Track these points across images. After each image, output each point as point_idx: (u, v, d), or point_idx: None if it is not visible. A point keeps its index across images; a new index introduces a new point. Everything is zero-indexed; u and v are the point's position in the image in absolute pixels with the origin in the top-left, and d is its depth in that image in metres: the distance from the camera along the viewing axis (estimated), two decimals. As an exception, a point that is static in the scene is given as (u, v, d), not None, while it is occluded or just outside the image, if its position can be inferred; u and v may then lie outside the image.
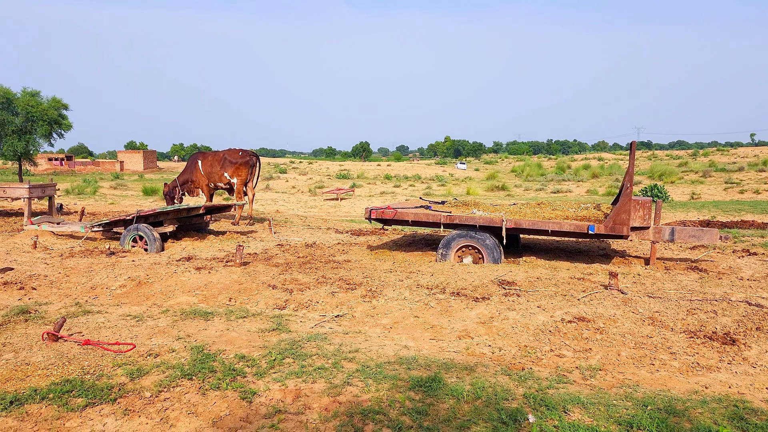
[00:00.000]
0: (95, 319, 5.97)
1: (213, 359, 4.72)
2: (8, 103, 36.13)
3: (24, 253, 9.40)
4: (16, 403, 3.91)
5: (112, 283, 7.54)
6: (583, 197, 30.72)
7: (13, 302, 6.70)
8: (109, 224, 10.28)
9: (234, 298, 6.92)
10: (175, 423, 3.69)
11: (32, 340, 5.28)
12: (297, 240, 11.04)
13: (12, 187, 13.12)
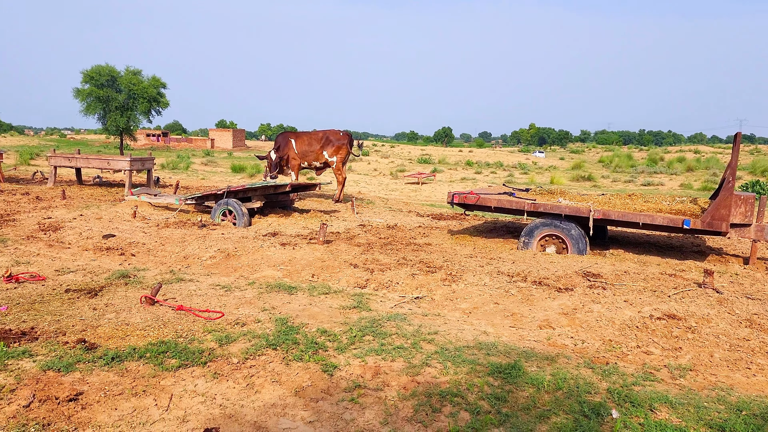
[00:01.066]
0: (187, 287, 6.29)
1: (296, 332, 4.87)
2: (113, 81, 38.40)
3: (124, 221, 10.01)
4: (117, 359, 4.19)
5: (203, 254, 7.90)
6: (676, 191, 29.23)
7: (114, 266, 7.17)
8: (201, 198, 10.76)
9: (316, 274, 7.09)
10: (260, 389, 3.85)
11: (131, 302, 5.63)
12: (379, 221, 11.16)
13: (115, 159, 13.99)
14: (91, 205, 11.62)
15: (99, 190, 14.80)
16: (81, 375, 3.93)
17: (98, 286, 6.13)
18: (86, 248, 8.17)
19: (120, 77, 38.55)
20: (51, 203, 11.78)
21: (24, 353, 4.23)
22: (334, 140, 14.05)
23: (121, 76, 38.61)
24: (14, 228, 9.32)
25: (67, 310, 5.34)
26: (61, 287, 6.11)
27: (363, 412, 3.57)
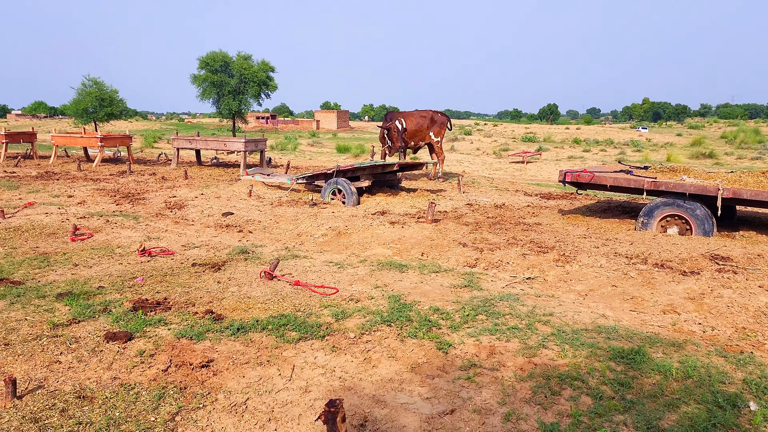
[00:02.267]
0: (302, 263, 6.51)
1: (409, 309, 4.92)
2: (226, 67, 40.18)
3: (241, 200, 10.51)
4: (242, 330, 4.42)
5: (315, 232, 8.15)
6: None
7: (234, 243, 7.55)
8: (312, 177, 11.08)
9: (426, 253, 7.11)
10: (377, 364, 3.93)
11: (251, 276, 5.92)
12: (485, 200, 11.00)
13: (231, 141, 14.71)
14: (210, 184, 12.31)
15: (216, 170, 15.64)
16: (211, 344, 4.18)
17: (221, 261, 6.49)
18: (208, 225, 8.67)
19: (232, 62, 40.29)
20: (175, 183, 12.59)
21: (159, 321, 4.57)
22: (438, 120, 14.13)
23: (233, 62, 40.35)
24: (144, 206, 10.05)
25: (194, 282, 5.70)
26: (188, 261, 6.52)
27: (480, 391, 3.55)
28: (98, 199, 10.71)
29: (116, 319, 4.59)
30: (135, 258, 6.62)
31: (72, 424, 3.06)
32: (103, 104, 34.75)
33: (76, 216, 8.86)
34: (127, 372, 3.72)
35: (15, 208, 9.42)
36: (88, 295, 5.19)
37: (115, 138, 17.07)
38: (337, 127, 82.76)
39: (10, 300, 5.03)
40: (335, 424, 2.84)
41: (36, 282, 5.63)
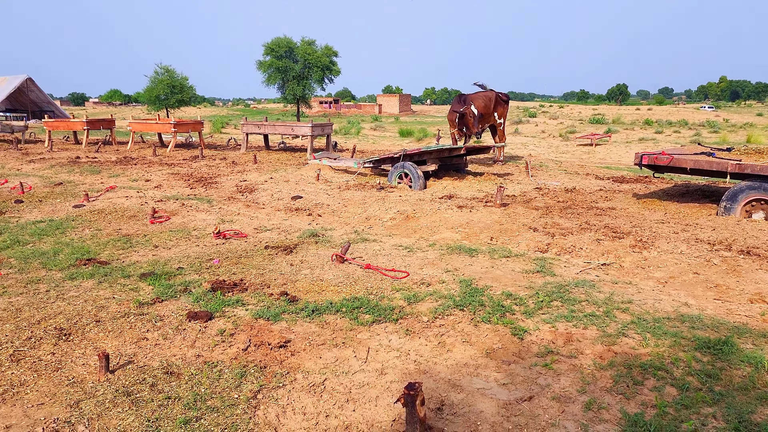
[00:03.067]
0: (372, 247, 6.55)
1: (481, 294, 4.87)
2: (290, 52, 40.70)
3: (309, 184, 10.67)
4: (317, 312, 4.50)
5: (383, 215, 8.18)
6: None
7: (304, 226, 7.67)
8: (378, 161, 11.11)
9: (495, 237, 7.02)
10: (452, 348, 3.91)
11: (323, 259, 6.00)
12: (555, 184, 10.75)
13: (298, 126, 14.93)
14: (278, 168, 12.54)
15: (284, 154, 15.91)
16: (287, 324, 4.28)
17: (292, 244, 6.61)
18: (278, 208, 8.84)
19: (296, 48, 40.78)
20: (245, 167, 12.90)
21: (237, 302, 4.70)
22: (502, 101, 13.89)
23: (297, 47, 40.84)
24: (217, 190, 10.35)
25: (268, 264, 5.83)
26: (260, 244, 6.68)
27: (558, 379, 3.49)
28: (173, 183, 11.10)
29: (196, 299, 4.75)
30: (210, 240, 6.82)
31: (161, 398, 3.20)
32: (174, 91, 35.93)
33: (154, 199, 9.21)
34: (210, 350, 3.85)
35: (98, 191, 9.89)
36: (169, 276, 5.40)
37: (187, 124, 17.62)
38: (399, 111, 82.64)
39: (98, 279, 5.29)
40: (414, 407, 2.85)
41: (120, 262, 5.90)
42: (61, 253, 6.20)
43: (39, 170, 13.01)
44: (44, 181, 11.25)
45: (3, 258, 6.05)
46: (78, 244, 6.60)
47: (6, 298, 4.82)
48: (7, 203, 8.99)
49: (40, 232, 7.10)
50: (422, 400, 2.87)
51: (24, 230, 7.23)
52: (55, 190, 10.21)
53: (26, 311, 4.48)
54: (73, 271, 5.55)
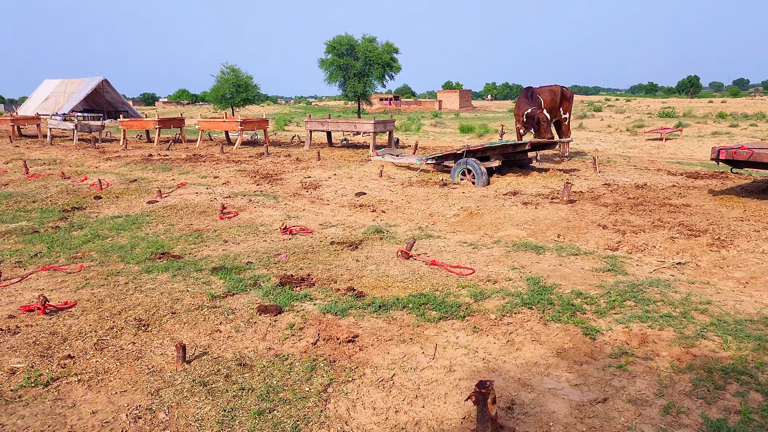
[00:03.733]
0: (436, 243, 6.53)
1: (549, 292, 4.78)
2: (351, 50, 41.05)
3: (372, 180, 10.73)
4: (384, 308, 4.52)
5: (447, 212, 8.14)
6: None
7: (368, 222, 7.72)
8: (441, 158, 11.06)
9: (562, 234, 6.87)
10: (521, 347, 3.86)
11: (388, 255, 6.03)
12: (624, 180, 10.42)
13: (361, 122, 15.04)
14: (342, 165, 12.67)
15: (347, 151, 16.06)
16: (354, 320, 4.32)
17: (357, 240, 6.67)
18: (342, 205, 8.93)
19: (357, 45, 41.11)
20: (308, 164, 13.10)
21: (305, 297, 4.78)
22: (567, 95, 13.60)
23: (358, 45, 41.16)
24: (282, 186, 10.55)
25: (334, 260, 5.90)
26: (326, 239, 6.77)
27: (633, 381, 3.38)
28: (240, 179, 11.39)
29: (266, 293, 4.86)
30: (277, 236, 6.96)
31: (236, 389, 3.29)
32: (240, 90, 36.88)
33: (222, 196, 9.48)
34: (280, 343, 3.93)
35: (170, 188, 10.26)
36: (238, 270, 5.54)
37: (253, 122, 18.04)
38: (459, 107, 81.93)
39: (172, 272, 5.49)
40: (486, 405, 2.83)
41: (193, 256, 6.10)
42: (137, 247, 6.47)
43: (115, 168, 13.61)
44: (120, 178, 11.77)
45: (85, 251, 6.36)
46: (152, 238, 6.86)
47: (89, 289, 5.06)
48: (87, 199, 9.44)
49: (118, 227, 7.42)
50: (494, 399, 2.84)
51: (103, 225, 7.58)
52: (131, 186, 10.66)
53: (107, 302, 4.70)
54: (149, 264, 5.78)
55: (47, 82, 38.80)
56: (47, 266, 5.77)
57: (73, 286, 5.16)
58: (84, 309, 4.56)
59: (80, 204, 9.07)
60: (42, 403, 3.13)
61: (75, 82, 36.43)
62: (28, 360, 3.64)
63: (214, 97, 38.07)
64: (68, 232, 7.23)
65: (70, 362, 3.61)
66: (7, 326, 4.21)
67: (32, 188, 10.57)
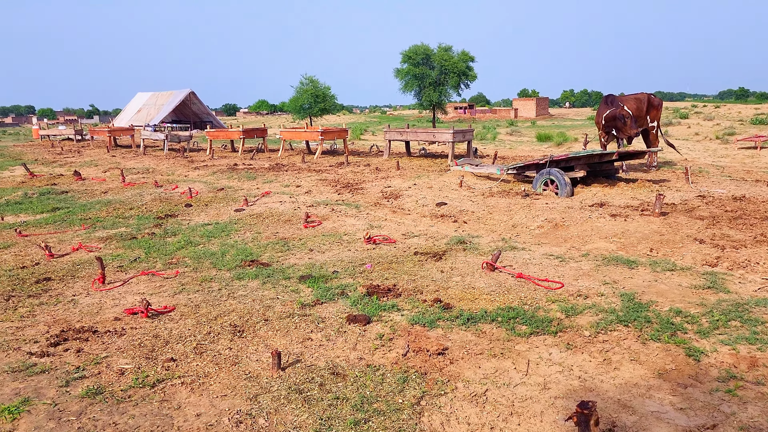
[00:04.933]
0: (521, 255, 6.41)
1: (646, 309, 4.59)
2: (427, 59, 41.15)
3: (452, 190, 10.68)
4: (472, 320, 4.47)
5: (530, 223, 7.98)
6: None
7: (450, 232, 7.68)
8: (522, 168, 10.87)
9: (655, 248, 6.58)
10: (619, 366, 3.71)
11: (472, 267, 5.97)
12: (720, 192, 9.88)
13: (440, 132, 15.03)
14: (421, 175, 12.68)
15: (425, 161, 16.08)
16: (443, 332, 4.29)
17: (441, 251, 6.64)
18: (423, 215, 8.93)
19: (433, 54, 41.13)
20: (388, 173, 13.19)
21: (392, 307, 4.80)
22: (654, 103, 13.08)
23: (434, 54, 41.17)
24: (363, 195, 10.67)
25: (418, 270, 5.90)
26: (409, 249, 6.78)
27: (744, 407, 3.18)
28: (322, 188, 11.61)
29: (353, 302, 4.92)
30: (361, 245, 7.04)
31: (330, 398, 3.33)
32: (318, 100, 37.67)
33: (305, 204, 9.69)
34: (371, 353, 3.96)
35: (255, 196, 10.59)
36: (325, 279, 5.64)
37: (333, 132, 18.38)
38: (535, 114, 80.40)
39: (262, 280, 5.65)
40: (588, 427, 2.73)
41: (280, 264, 6.26)
42: (227, 254, 6.70)
43: (203, 176, 14.20)
44: (208, 186, 12.26)
45: (179, 257, 6.66)
46: (241, 246, 7.09)
47: (185, 294, 5.29)
48: (178, 207, 9.89)
49: (208, 234, 7.72)
50: (596, 421, 2.74)
51: (194, 232, 7.90)
52: (218, 195, 11.08)
53: (203, 307, 4.89)
54: (239, 271, 5.98)
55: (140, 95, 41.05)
56: (146, 271, 6.07)
57: (170, 291, 5.40)
58: (182, 314, 4.76)
59: (172, 211, 9.51)
60: (150, 404, 3.28)
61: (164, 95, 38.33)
62: (134, 361, 3.84)
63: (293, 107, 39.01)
64: (163, 239, 7.59)
65: (173, 365, 3.78)
66: (113, 328, 4.45)
67: (129, 196, 11.18)
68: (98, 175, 15.11)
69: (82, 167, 17.10)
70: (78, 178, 14.17)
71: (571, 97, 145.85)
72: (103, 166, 17.25)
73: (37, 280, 5.84)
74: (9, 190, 12.81)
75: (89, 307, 5.01)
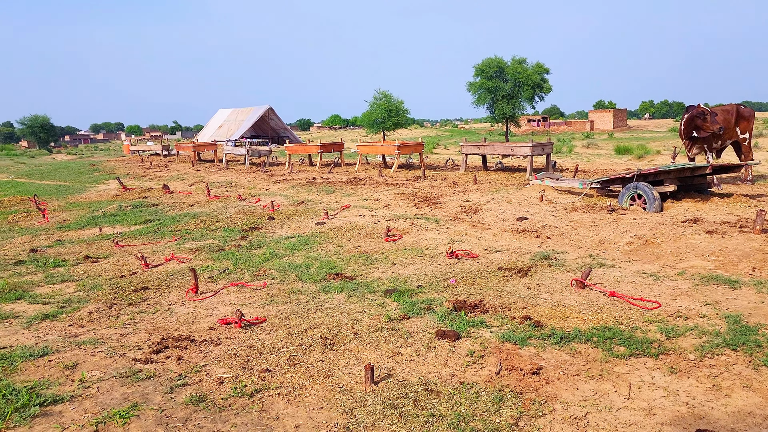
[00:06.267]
0: (612, 273, 6.18)
1: (755, 333, 4.31)
2: (500, 72, 40.79)
3: (532, 205, 10.47)
4: (565, 340, 4.34)
5: (619, 239, 7.69)
6: None
7: (533, 248, 7.51)
8: (607, 182, 10.53)
9: (758, 267, 6.19)
10: (730, 393, 3.49)
11: (560, 284, 5.80)
12: (826, 207, 9.21)
13: (518, 145, 14.80)
14: (499, 189, 12.52)
15: (502, 174, 15.88)
16: (536, 350, 4.18)
17: (525, 267, 6.50)
18: (504, 229, 8.79)
19: (507, 67, 40.74)
20: (465, 187, 13.10)
21: (480, 323, 4.72)
22: (745, 113, 12.39)
23: (507, 66, 40.78)
24: (441, 209, 10.63)
25: (504, 286, 5.79)
26: (492, 265, 6.68)
27: None
28: (400, 202, 11.65)
29: (441, 317, 4.88)
30: (443, 259, 6.99)
31: (426, 414, 3.30)
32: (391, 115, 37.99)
33: (385, 218, 9.74)
34: (462, 370, 3.91)
35: (334, 210, 10.75)
36: (410, 293, 5.62)
37: (409, 146, 18.47)
38: (613, 126, 78.02)
39: (347, 293, 5.70)
40: (705, 457, 2.58)
41: (364, 278, 6.30)
42: (311, 267, 6.81)
43: (283, 190, 14.56)
44: (288, 200, 12.55)
45: (265, 269, 6.82)
46: (324, 259, 7.19)
47: (275, 306, 5.41)
48: (261, 219, 10.17)
49: (292, 247, 7.88)
50: (715, 451, 2.58)
51: (278, 245, 8.09)
52: (299, 208, 11.32)
53: (293, 320, 4.98)
54: (324, 284, 6.06)
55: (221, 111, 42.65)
56: (235, 282, 6.26)
57: (260, 302, 5.54)
58: (273, 325, 4.86)
59: (256, 224, 9.78)
60: (249, 414, 3.36)
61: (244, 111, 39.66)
62: (232, 371, 3.94)
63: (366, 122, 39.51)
64: (249, 251, 7.80)
65: (268, 375, 3.86)
66: (209, 337, 4.60)
67: (214, 209, 11.60)
68: (185, 189, 15.78)
69: (170, 181, 17.92)
70: (167, 192, 14.85)
71: (651, 108, 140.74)
72: (188, 180, 18.00)
73: (135, 289, 6.13)
74: (105, 202, 13.58)
75: (185, 316, 5.21)
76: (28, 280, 6.63)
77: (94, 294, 5.97)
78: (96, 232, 9.76)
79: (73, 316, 5.24)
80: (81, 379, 3.78)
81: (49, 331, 4.84)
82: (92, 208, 12.75)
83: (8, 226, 11.04)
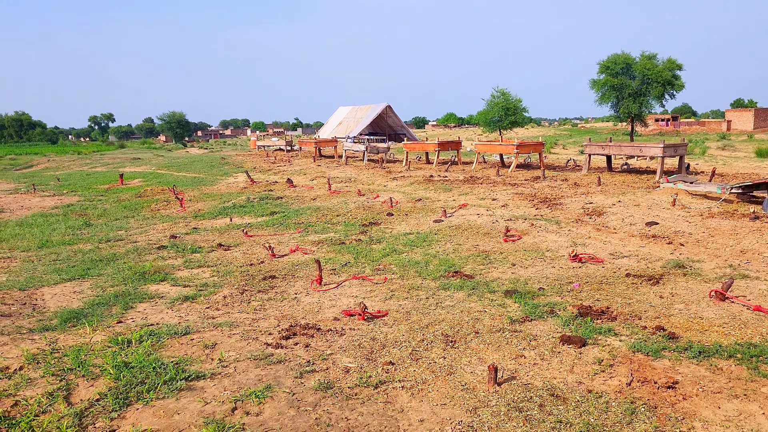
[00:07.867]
0: (756, 286, 5.70)
1: None
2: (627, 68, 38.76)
3: (663, 209, 9.86)
4: (704, 354, 4.05)
5: (765, 250, 7.07)
6: None
7: (665, 255, 7.08)
8: (750, 187, 9.71)
9: None
10: None
11: (697, 294, 5.43)
12: None
13: (647, 146, 14.00)
14: (625, 191, 11.90)
15: (629, 176, 15.09)
16: (670, 363, 3.94)
17: (656, 274, 6.15)
18: (631, 234, 8.36)
19: (635, 64, 38.57)
20: (588, 189, 12.58)
21: (608, 331, 4.53)
22: None
23: (635, 63, 38.61)
24: (562, 211, 10.29)
25: (633, 294, 5.51)
26: (619, 270, 6.37)
27: None
28: (518, 202, 11.41)
29: (565, 322, 4.73)
30: (565, 262, 6.77)
31: (552, 420, 3.22)
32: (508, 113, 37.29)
33: (503, 218, 9.58)
34: (590, 378, 3.77)
35: (452, 208, 10.72)
36: (531, 295, 5.50)
37: (529, 145, 18.04)
38: (753, 127, 71.53)
39: (467, 292, 5.68)
40: None
41: (483, 277, 6.24)
42: (430, 263, 6.84)
43: (400, 187, 14.73)
44: (406, 196, 12.68)
45: (385, 264, 6.94)
46: (443, 256, 7.20)
47: (395, 300, 5.49)
48: (380, 215, 10.35)
49: (411, 243, 7.96)
50: None
51: (397, 240, 8.20)
52: (416, 205, 11.40)
53: (414, 315, 5.03)
54: (444, 281, 6.07)
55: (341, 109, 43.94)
56: (356, 275, 6.42)
57: (381, 296, 5.65)
58: (395, 319, 4.94)
59: (375, 219, 9.98)
60: (375, 404, 3.44)
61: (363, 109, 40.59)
62: (357, 361, 4.06)
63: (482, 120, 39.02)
64: (369, 245, 7.97)
65: (392, 368, 3.93)
66: (334, 327, 4.76)
67: (335, 203, 11.96)
68: (307, 183, 16.41)
69: (293, 175, 18.70)
70: (290, 185, 15.52)
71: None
72: (310, 175, 18.70)
73: (264, 277, 6.47)
74: (235, 194, 14.44)
75: (310, 305, 5.42)
76: (169, 263, 7.19)
77: (227, 280, 6.38)
78: (227, 222, 10.40)
79: (210, 299, 5.63)
80: (219, 358, 4.05)
81: (190, 312, 5.23)
82: (223, 199, 13.60)
83: (151, 213, 12.06)
